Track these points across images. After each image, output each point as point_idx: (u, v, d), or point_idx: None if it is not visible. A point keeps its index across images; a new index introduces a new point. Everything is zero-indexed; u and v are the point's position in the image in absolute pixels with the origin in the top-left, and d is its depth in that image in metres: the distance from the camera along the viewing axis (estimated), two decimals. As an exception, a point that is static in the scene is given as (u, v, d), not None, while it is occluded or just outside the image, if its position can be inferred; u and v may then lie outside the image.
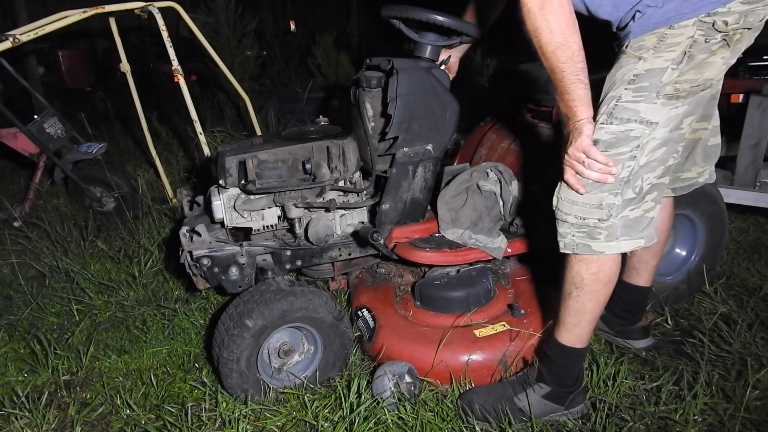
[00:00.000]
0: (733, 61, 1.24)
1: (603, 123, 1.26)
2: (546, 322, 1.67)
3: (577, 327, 1.41)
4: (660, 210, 1.63)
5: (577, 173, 1.28)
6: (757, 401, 1.54)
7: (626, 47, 1.26)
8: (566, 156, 1.28)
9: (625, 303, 1.78)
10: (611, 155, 1.25)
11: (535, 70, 2.08)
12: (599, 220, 1.29)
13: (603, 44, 1.35)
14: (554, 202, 1.36)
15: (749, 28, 1.18)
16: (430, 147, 1.74)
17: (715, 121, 1.52)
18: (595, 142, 1.26)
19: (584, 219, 1.31)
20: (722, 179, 2.41)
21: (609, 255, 1.33)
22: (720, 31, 1.16)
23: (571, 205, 1.32)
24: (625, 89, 1.24)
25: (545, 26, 1.16)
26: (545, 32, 1.17)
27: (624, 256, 1.75)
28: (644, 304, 1.79)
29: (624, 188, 1.28)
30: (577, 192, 1.29)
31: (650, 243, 1.35)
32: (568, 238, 1.35)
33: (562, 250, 1.37)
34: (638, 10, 1.22)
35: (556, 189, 1.35)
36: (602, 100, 1.28)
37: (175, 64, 2.70)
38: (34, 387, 1.77)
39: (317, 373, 1.64)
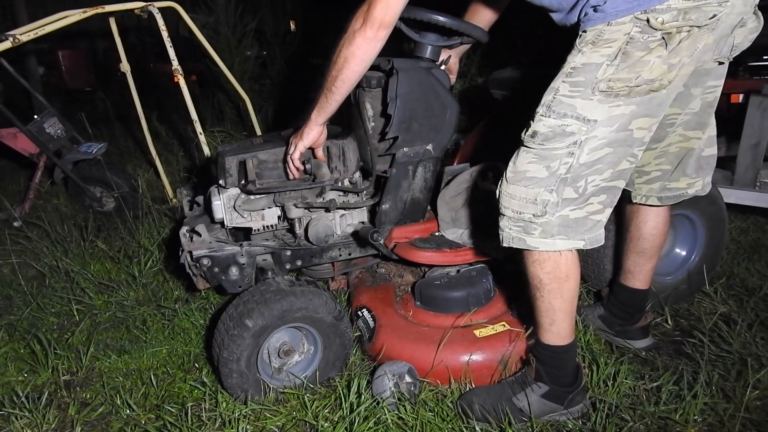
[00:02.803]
0: (677, 60, 1.18)
1: (542, 115, 1.25)
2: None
3: (553, 325, 1.42)
4: (654, 216, 1.64)
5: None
6: (757, 401, 1.54)
7: (574, 41, 1.26)
8: (297, 143, 1.58)
9: (622, 305, 1.78)
10: (547, 149, 1.25)
11: (534, 70, 2.08)
12: (534, 215, 1.29)
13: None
14: (497, 195, 1.37)
15: (698, 26, 1.14)
16: (430, 147, 1.74)
17: (711, 131, 1.48)
18: (534, 134, 1.26)
19: (520, 213, 1.31)
20: (722, 179, 2.41)
21: (553, 251, 1.32)
22: (657, 29, 1.13)
23: (509, 198, 1.32)
24: (563, 82, 1.23)
25: (347, 53, 1.36)
26: (343, 55, 1.37)
27: (620, 258, 1.74)
28: (642, 306, 1.78)
29: (561, 186, 1.26)
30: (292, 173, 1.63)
31: (593, 246, 1.33)
32: (506, 231, 1.36)
33: (501, 244, 1.38)
34: (586, 12, 1.23)
35: (499, 182, 1.36)
36: (548, 89, 1.27)
37: (175, 64, 2.71)
38: (34, 387, 1.77)
39: (317, 373, 1.64)
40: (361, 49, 1.35)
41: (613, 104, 1.20)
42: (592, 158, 1.24)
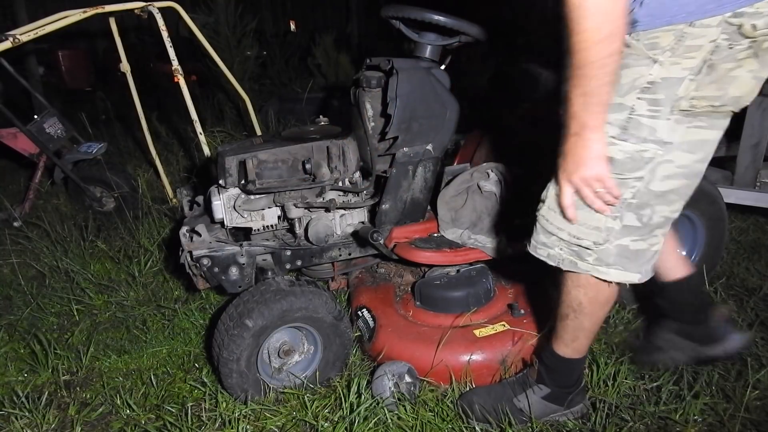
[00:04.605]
0: (765, 75, 1.02)
1: (616, 138, 1.07)
2: (546, 322, 1.67)
3: (575, 342, 1.38)
4: None
5: (577, 198, 1.13)
6: (757, 401, 1.53)
7: (634, 39, 1.04)
8: (574, 177, 1.08)
9: (682, 304, 1.54)
10: (622, 178, 1.10)
11: (534, 70, 2.08)
12: (594, 243, 1.17)
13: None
14: (542, 211, 1.23)
15: None
16: (430, 147, 1.74)
17: None
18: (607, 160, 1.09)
19: (578, 239, 1.18)
20: (722, 179, 2.41)
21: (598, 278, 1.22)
22: (747, 37, 0.96)
23: (564, 220, 1.19)
24: (639, 99, 1.05)
25: (593, 10, 0.93)
26: (591, 17, 0.94)
27: None
28: (700, 295, 1.57)
29: (625, 212, 1.13)
30: (568, 221, 1.17)
31: (646, 279, 1.23)
32: (554, 251, 1.24)
33: (544, 259, 1.26)
34: (645, 1, 1.01)
35: (545, 195, 1.23)
36: (610, 106, 1.07)
37: (175, 64, 2.70)
38: (34, 387, 1.77)
39: (317, 373, 1.64)
40: None
41: (690, 124, 1.04)
42: (666, 187, 1.10)
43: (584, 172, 1.07)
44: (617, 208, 1.13)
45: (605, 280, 1.22)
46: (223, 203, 1.74)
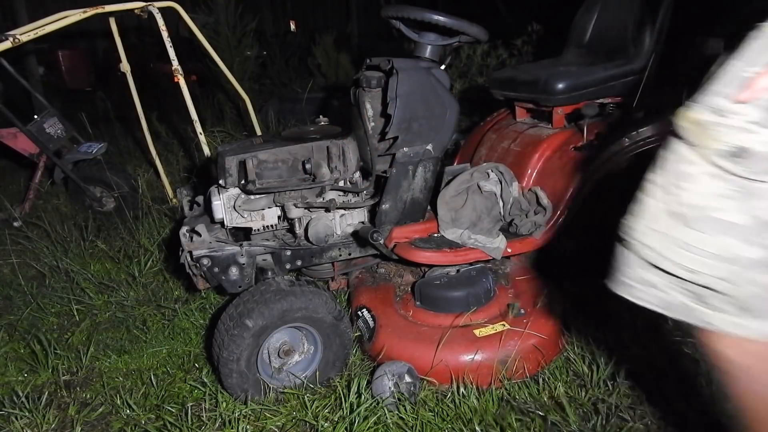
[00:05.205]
0: None
1: (757, 123, 0.74)
2: (546, 321, 1.67)
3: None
4: None
5: None
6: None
7: None
8: None
9: None
10: (762, 182, 0.76)
11: (535, 70, 2.08)
12: (720, 279, 0.79)
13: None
14: (644, 239, 0.85)
15: None
16: (430, 147, 1.74)
17: None
18: (741, 153, 0.75)
19: (695, 273, 0.81)
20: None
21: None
22: None
23: (676, 247, 0.82)
24: None
25: None
26: None
27: None
28: None
29: None
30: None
31: None
32: (670, 295, 0.85)
33: (650, 306, 0.88)
34: None
35: (640, 216, 0.86)
36: (738, 78, 0.74)
37: (175, 64, 2.71)
38: (34, 387, 1.77)
39: (317, 373, 1.64)
40: None
41: None
42: None
43: None
44: (755, 231, 0.78)
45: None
46: (223, 203, 1.74)
